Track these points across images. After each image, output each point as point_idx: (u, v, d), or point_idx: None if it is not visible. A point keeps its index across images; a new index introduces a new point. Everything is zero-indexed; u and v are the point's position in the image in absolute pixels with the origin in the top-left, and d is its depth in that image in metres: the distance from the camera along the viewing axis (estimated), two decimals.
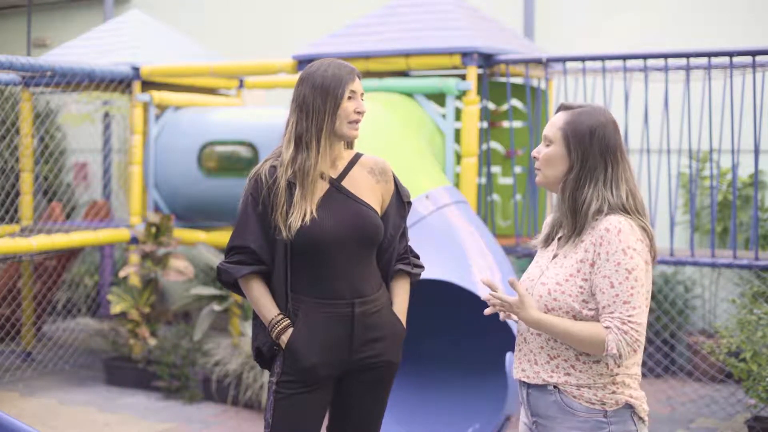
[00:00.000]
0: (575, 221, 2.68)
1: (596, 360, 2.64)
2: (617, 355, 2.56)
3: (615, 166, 2.69)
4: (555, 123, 2.74)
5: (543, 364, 2.69)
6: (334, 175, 3.11)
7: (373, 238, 3.10)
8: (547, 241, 2.84)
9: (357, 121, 3.09)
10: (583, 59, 6.19)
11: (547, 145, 2.74)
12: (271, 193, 3.04)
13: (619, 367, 2.65)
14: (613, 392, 2.64)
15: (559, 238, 2.78)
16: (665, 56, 5.93)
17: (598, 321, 2.62)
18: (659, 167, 6.36)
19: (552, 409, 2.67)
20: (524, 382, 2.75)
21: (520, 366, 2.77)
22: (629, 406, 2.66)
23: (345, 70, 3.06)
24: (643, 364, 6.88)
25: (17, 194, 7.69)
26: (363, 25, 6.76)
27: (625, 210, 2.67)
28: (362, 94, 3.11)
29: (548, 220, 2.88)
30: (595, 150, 2.67)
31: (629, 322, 2.55)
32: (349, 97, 3.06)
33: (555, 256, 2.75)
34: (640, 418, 2.69)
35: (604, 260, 2.59)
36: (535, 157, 2.77)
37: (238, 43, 9.63)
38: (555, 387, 2.66)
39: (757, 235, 5.91)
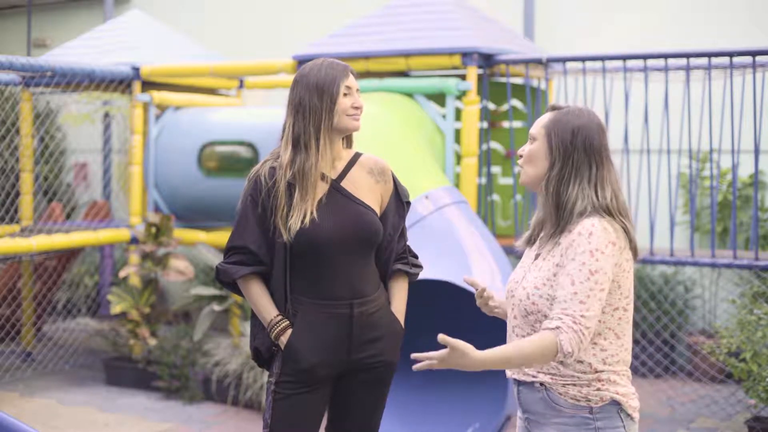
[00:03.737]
0: (558, 219, 2.68)
1: (578, 360, 2.63)
2: (571, 353, 2.52)
3: (600, 167, 2.69)
4: (540, 121, 2.76)
5: None
6: (334, 176, 3.11)
7: (372, 239, 3.10)
8: (530, 241, 2.85)
9: (356, 114, 3.09)
10: (583, 59, 6.19)
11: (531, 143, 2.75)
12: (271, 195, 3.03)
13: (566, 366, 2.63)
14: (598, 389, 2.64)
15: (541, 238, 2.78)
16: (665, 56, 5.93)
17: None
18: (659, 167, 6.35)
19: (540, 406, 2.69)
20: (515, 379, 2.76)
21: None
22: (615, 403, 2.66)
23: (338, 68, 3.07)
24: (643, 364, 6.88)
25: (17, 194, 7.69)
26: (363, 25, 6.76)
27: (608, 211, 2.66)
28: (358, 90, 3.10)
29: (533, 220, 2.88)
30: (579, 149, 2.67)
31: (580, 322, 2.53)
32: (345, 94, 3.05)
33: (537, 257, 2.76)
34: (628, 415, 2.68)
35: (570, 260, 2.59)
36: (519, 155, 2.79)
37: (238, 43, 9.63)
38: (542, 384, 2.67)
39: (757, 235, 5.90)
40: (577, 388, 2.64)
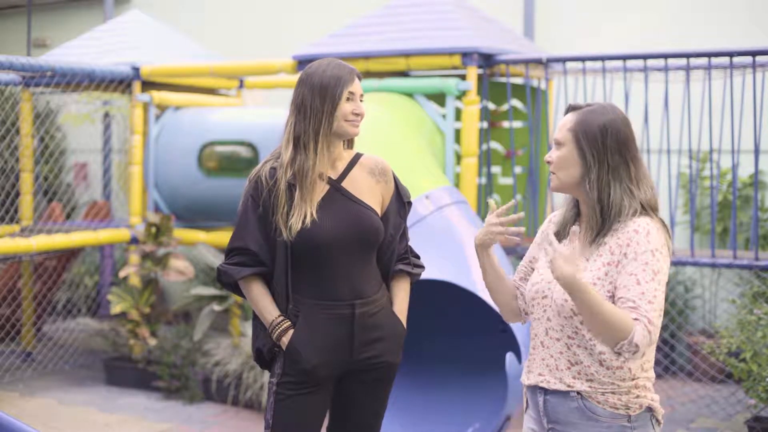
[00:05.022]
0: (604, 222, 2.61)
1: (618, 366, 2.57)
2: (636, 347, 2.47)
3: (635, 162, 2.63)
4: (564, 125, 2.66)
5: (564, 370, 2.62)
6: (334, 176, 3.11)
7: (373, 240, 3.10)
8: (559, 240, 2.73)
9: (356, 121, 3.08)
10: (583, 59, 6.19)
11: (559, 148, 2.66)
12: (272, 195, 3.03)
13: (627, 361, 2.58)
14: (637, 396, 2.60)
15: (571, 238, 2.69)
16: (665, 56, 5.92)
17: None
18: (659, 167, 6.36)
19: (573, 416, 2.61)
20: (541, 387, 2.67)
21: (536, 371, 2.69)
22: (649, 409, 2.63)
23: (344, 71, 3.05)
24: None
25: (17, 194, 7.69)
26: (363, 25, 6.76)
27: (652, 208, 2.62)
28: (361, 95, 3.09)
29: (555, 218, 2.80)
30: (612, 148, 2.60)
31: (652, 322, 2.49)
32: (348, 99, 3.04)
33: None
34: (657, 421, 2.66)
35: (632, 259, 2.53)
36: (548, 162, 2.68)
37: (238, 43, 9.63)
38: (578, 393, 2.60)
39: (757, 235, 5.90)
40: (616, 396, 2.58)
